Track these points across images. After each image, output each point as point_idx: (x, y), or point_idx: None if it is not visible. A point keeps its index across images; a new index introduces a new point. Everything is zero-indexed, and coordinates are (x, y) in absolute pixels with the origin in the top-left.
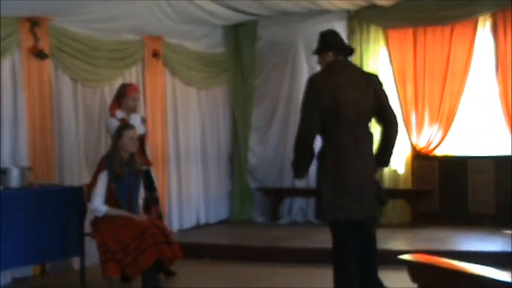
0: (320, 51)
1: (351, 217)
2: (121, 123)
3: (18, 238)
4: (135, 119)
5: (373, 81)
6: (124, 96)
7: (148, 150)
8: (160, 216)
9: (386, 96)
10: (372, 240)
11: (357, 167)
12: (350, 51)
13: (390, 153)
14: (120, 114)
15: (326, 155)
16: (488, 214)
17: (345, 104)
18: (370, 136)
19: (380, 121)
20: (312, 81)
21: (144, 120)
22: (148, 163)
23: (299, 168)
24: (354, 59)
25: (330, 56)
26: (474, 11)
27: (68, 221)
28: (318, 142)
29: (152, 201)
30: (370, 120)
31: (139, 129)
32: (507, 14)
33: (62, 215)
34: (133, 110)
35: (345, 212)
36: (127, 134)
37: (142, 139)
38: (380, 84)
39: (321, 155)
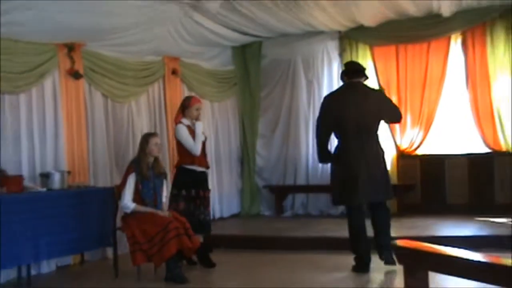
0: (340, 77)
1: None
2: (187, 129)
3: (61, 232)
4: (199, 126)
5: (376, 96)
6: (188, 107)
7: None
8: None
9: (388, 102)
10: (380, 214)
11: (361, 165)
12: (364, 75)
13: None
14: (186, 121)
15: (338, 155)
16: (462, 204)
17: (346, 118)
18: (377, 142)
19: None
20: (323, 100)
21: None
22: (208, 165)
23: (320, 156)
24: None
25: (346, 79)
26: (447, 30)
27: (102, 217)
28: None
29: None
30: (376, 129)
31: (204, 136)
32: (475, 32)
33: (97, 211)
34: (196, 118)
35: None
36: (153, 141)
37: (204, 145)
38: (383, 96)
39: (335, 155)
